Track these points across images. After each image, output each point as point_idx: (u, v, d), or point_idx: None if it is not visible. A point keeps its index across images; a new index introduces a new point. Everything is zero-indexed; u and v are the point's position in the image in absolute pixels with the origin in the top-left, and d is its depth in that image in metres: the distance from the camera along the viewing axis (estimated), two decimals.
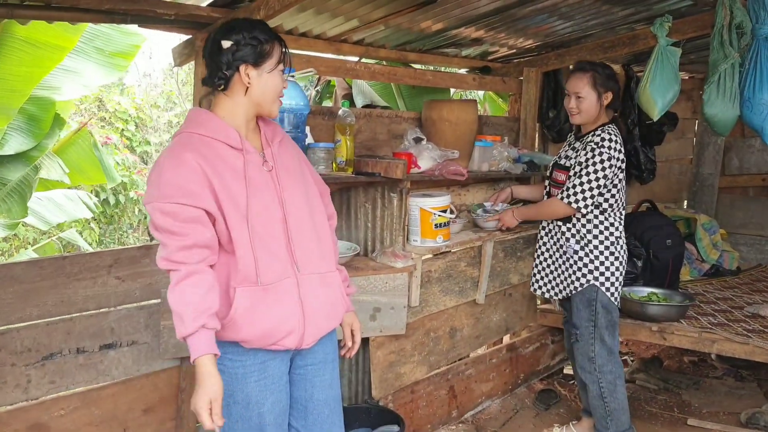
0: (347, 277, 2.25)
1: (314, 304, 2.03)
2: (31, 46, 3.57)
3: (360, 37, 3.31)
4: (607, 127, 3.09)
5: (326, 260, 2.09)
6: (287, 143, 2.12)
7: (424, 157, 3.22)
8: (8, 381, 2.37)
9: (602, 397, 3.20)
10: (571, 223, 3.19)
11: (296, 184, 2.05)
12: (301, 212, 2.03)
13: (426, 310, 3.34)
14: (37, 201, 5.19)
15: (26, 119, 4.15)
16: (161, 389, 2.79)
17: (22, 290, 2.37)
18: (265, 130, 2.05)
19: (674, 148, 5.73)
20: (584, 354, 3.22)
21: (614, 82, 3.13)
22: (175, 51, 2.91)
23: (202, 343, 1.82)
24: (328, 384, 2.17)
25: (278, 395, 2.05)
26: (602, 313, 3.14)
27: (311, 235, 2.05)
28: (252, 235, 1.90)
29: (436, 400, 3.55)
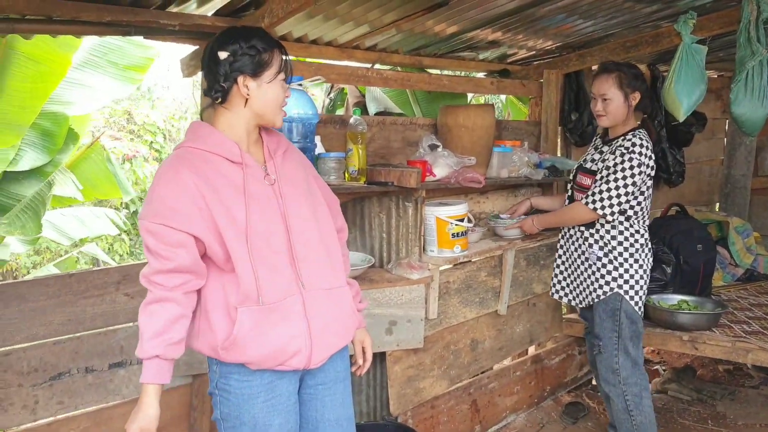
0: (359, 291, 2.18)
1: (322, 322, 1.94)
2: (33, 62, 3.58)
3: (372, 42, 3.23)
4: (638, 132, 2.97)
5: (335, 275, 2.00)
6: (292, 154, 2.04)
7: (439, 165, 3.13)
8: (15, 402, 2.33)
9: (628, 411, 3.07)
10: (594, 229, 3.07)
11: (301, 196, 1.97)
12: (306, 226, 1.95)
13: (445, 322, 3.24)
14: (60, 216, 5.21)
15: (40, 134, 4.16)
16: (173, 407, 2.73)
17: (28, 309, 2.33)
18: (268, 142, 1.97)
19: (704, 149, 5.55)
20: (608, 366, 3.09)
21: (641, 81, 3.00)
22: (183, 62, 2.86)
23: (151, 371, 1.83)
24: (339, 403, 2.09)
25: (286, 416, 1.97)
26: (626, 323, 3.01)
27: (318, 249, 1.96)
28: (252, 252, 1.83)
29: (458, 415, 3.44)
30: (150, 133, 10.16)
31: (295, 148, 2.10)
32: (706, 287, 4.20)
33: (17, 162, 4.10)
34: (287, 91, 1.95)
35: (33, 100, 3.66)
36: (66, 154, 4.36)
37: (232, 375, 1.90)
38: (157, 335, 1.80)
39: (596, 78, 3.04)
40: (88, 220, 5.33)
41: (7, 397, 2.31)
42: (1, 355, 2.29)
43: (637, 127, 3.01)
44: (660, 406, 4.09)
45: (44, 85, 3.63)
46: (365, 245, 3.12)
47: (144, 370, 1.83)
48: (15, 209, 3.92)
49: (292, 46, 2.96)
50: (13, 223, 3.78)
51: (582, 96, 4.11)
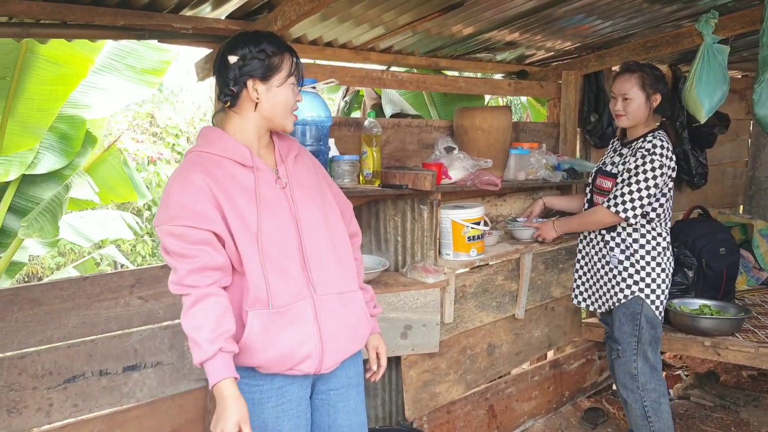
0: (373, 296, 2.15)
1: (333, 327, 1.92)
2: (52, 64, 3.61)
3: (388, 44, 3.21)
4: (657, 133, 2.92)
5: (347, 280, 1.98)
6: (304, 158, 2.03)
7: (455, 167, 3.10)
8: (30, 405, 2.34)
9: (646, 417, 3.02)
10: (615, 232, 3.02)
11: (312, 201, 1.96)
12: (317, 230, 1.93)
13: (461, 326, 3.21)
14: (80, 219, 5.25)
15: (58, 138, 4.20)
16: (187, 411, 2.73)
17: (42, 312, 2.35)
18: (280, 146, 1.96)
19: (727, 150, 5.45)
20: (626, 371, 3.04)
21: (663, 84, 2.95)
22: (198, 66, 2.86)
23: (221, 367, 1.74)
24: (352, 409, 2.07)
25: (296, 421, 1.95)
26: (646, 327, 2.96)
27: (329, 253, 1.95)
28: (263, 256, 1.81)
29: (475, 421, 3.40)
30: (173, 136, 10.23)
31: (308, 152, 2.09)
32: (730, 291, 4.11)
33: (36, 165, 4.14)
34: (298, 95, 1.93)
35: (51, 103, 3.69)
36: (84, 158, 4.40)
37: (242, 379, 1.87)
38: (213, 331, 1.73)
39: (618, 77, 2.99)
40: (106, 222, 5.38)
41: (21, 400, 2.32)
42: (16, 358, 2.31)
43: (656, 128, 2.97)
44: (682, 412, 4.01)
45: (64, 87, 3.66)
46: (380, 249, 3.10)
47: (212, 371, 1.73)
48: (33, 212, 3.96)
49: (306, 48, 2.95)
50: (31, 225, 3.82)
51: (602, 97, 4.05)
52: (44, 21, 2.32)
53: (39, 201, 4.22)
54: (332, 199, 2.06)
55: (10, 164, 4.04)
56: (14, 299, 2.28)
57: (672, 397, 4.29)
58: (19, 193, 4.30)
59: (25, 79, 3.66)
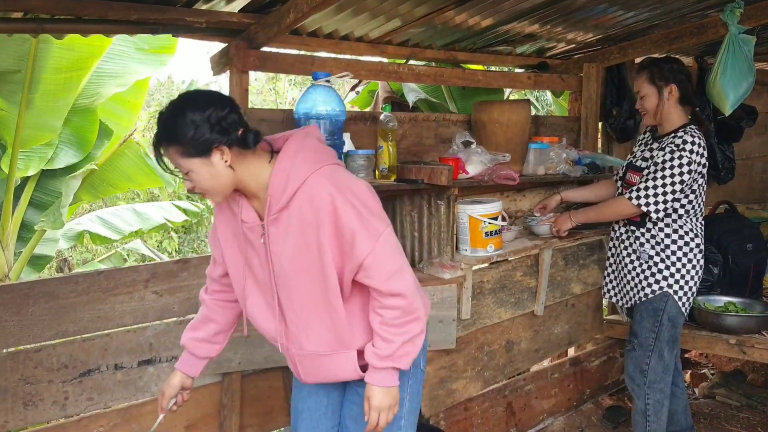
0: (392, 354, 1.81)
1: (309, 373, 1.97)
2: (66, 50, 3.62)
3: (405, 37, 3.17)
4: (689, 128, 2.87)
5: (336, 341, 1.87)
6: (298, 211, 1.75)
7: (473, 162, 3.05)
8: (45, 398, 2.36)
9: (645, 415, 2.98)
10: (645, 228, 2.97)
11: (295, 261, 1.79)
12: (297, 291, 1.83)
13: (479, 322, 3.17)
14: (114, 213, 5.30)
15: (73, 131, 4.24)
16: (203, 405, 2.73)
17: (58, 306, 2.36)
18: (272, 196, 1.78)
19: (756, 144, 5.32)
20: (637, 365, 3.00)
21: (677, 73, 2.89)
22: (213, 60, 2.84)
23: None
24: (354, 416, 2.04)
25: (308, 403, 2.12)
26: (667, 325, 2.91)
27: (315, 314, 1.85)
28: (242, 297, 1.96)
29: (493, 418, 3.37)
30: None
31: (308, 203, 1.75)
32: (757, 289, 4.02)
33: (54, 160, 4.20)
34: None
35: (66, 92, 3.74)
36: (100, 150, 4.45)
37: None
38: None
39: (635, 76, 3.03)
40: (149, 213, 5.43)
41: (37, 393, 2.34)
42: (32, 351, 2.33)
43: (688, 122, 2.92)
44: (707, 412, 3.94)
45: (77, 73, 3.70)
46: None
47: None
48: (54, 206, 4.01)
49: (322, 42, 2.93)
50: (50, 219, 3.87)
51: (624, 90, 3.97)
52: (59, 16, 2.33)
53: (59, 195, 4.27)
54: (330, 255, 1.77)
55: (30, 159, 4.09)
56: (29, 293, 2.30)
57: (697, 396, 4.21)
58: (39, 188, 4.36)
59: (40, 70, 3.69)
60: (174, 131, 1.66)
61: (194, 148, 1.66)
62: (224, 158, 1.69)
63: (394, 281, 1.76)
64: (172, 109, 1.69)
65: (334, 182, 1.73)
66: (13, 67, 3.59)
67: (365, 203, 1.75)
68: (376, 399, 1.84)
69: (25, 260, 4.26)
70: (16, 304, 2.27)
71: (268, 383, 2.85)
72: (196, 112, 1.65)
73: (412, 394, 1.99)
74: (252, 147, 1.72)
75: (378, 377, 1.84)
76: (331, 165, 1.78)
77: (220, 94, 1.76)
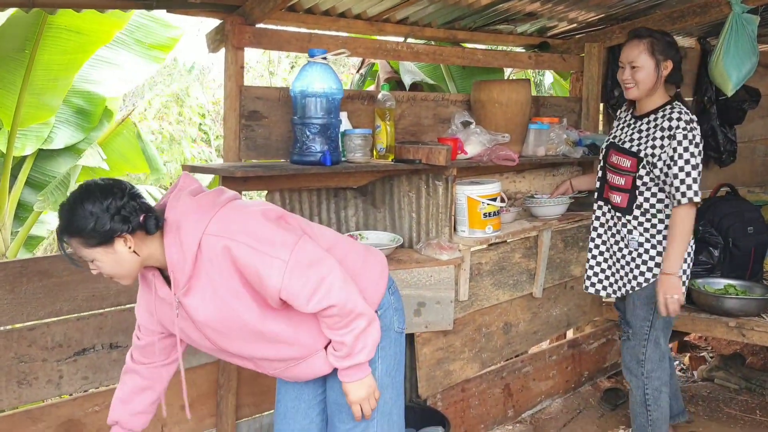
0: (350, 353, 1.85)
1: (288, 377, 2.02)
2: (75, 33, 3.62)
3: (404, 15, 3.13)
4: (676, 104, 2.73)
5: (300, 351, 1.91)
6: (206, 274, 1.74)
7: (471, 142, 3.03)
8: (40, 377, 2.35)
9: (646, 404, 2.91)
10: (632, 215, 2.83)
11: (224, 319, 1.80)
12: (241, 339, 1.85)
13: (476, 304, 3.16)
14: None
15: (74, 112, 4.23)
16: (199, 385, 2.73)
17: (52, 284, 2.35)
18: (173, 274, 1.76)
19: (758, 127, 5.27)
20: (633, 355, 2.92)
21: (675, 50, 2.75)
22: (209, 37, 2.81)
23: None
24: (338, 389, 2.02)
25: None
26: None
27: (268, 346, 1.88)
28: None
29: (490, 399, 3.36)
30: (199, 116, 10.27)
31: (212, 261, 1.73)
32: (758, 272, 4.00)
33: (52, 140, 4.19)
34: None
35: (66, 72, 3.74)
36: (100, 132, 4.44)
37: None
38: None
39: (626, 45, 2.79)
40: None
41: (31, 372, 2.33)
42: (26, 330, 2.32)
43: (671, 100, 2.77)
44: (705, 395, 3.93)
45: (81, 55, 3.70)
46: (394, 225, 3.05)
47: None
48: (50, 186, 4.01)
49: (319, 19, 2.89)
50: (46, 199, 3.86)
51: None
52: None
53: (55, 175, 4.27)
54: (252, 300, 1.79)
55: (27, 138, 4.08)
56: (23, 271, 2.29)
57: (696, 379, 4.21)
58: (36, 168, 4.36)
59: (44, 51, 3.70)
60: (74, 223, 1.65)
61: (95, 239, 1.66)
62: (128, 245, 1.69)
63: (315, 301, 1.75)
64: (71, 201, 1.68)
65: (224, 232, 1.71)
66: (18, 48, 3.61)
67: (260, 238, 1.73)
68: (353, 394, 1.90)
69: (22, 240, 4.26)
70: (9, 282, 2.26)
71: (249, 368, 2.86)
72: (96, 203, 1.65)
73: (384, 357, 1.99)
74: (154, 232, 1.71)
75: (347, 375, 1.89)
76: (213, 216, 1.73)
77: (119, 182, 1.74)
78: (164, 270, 1.79)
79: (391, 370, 2.03)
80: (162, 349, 1.98)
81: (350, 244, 2.01)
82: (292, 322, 1.84)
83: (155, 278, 1.80)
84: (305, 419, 2.09)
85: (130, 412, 2.02)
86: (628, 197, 2.84)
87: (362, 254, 1.99)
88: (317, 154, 2.53)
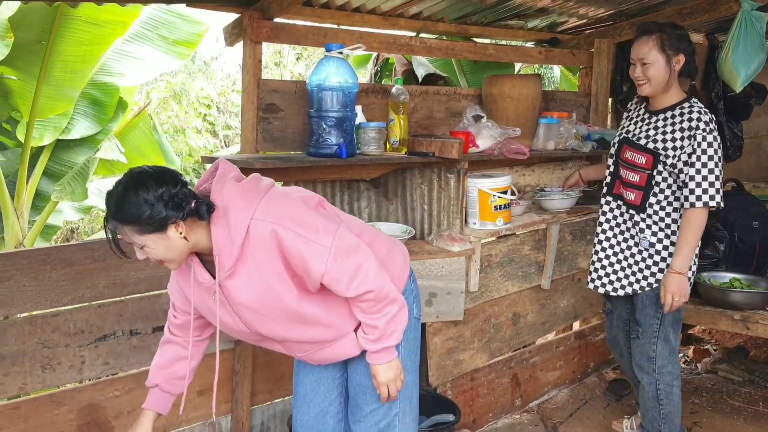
0: (381, 336, 1.93)
1: (315, 359, 2.08)
2: (91, 24, 3.67)
3: (416, 10, 3.17)
4: (695, 102, 2.70)
5: (331, 333, 1.97)
6: (252, 258, 1.79)
7: (483, 136, 3.08)
8: (63, 362, 2.41)
9: (658, 400, 2.90)
10: (646, 213, 2.79)
11: (265, 302, 1.85)
12: (276, 321, 1.90)
13: (486, 295, 3.21)
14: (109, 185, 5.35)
15: (90, 104, 4.29)
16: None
17: (74, 272, 2.40)
18: (220, 257, 1.80)
19: (764, 123, 5.30)
20: (644, 353, 2.90)
21: (686, 43, 2.70)
22: (226, 30, 2.86)
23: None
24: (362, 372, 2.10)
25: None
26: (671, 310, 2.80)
27: (301, 328, 1.94)
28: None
29: (498, 388, 3.42)
30: (204, 106, 10.30)
31: (259, 245, 1.78)
32: (762, 266, 4.05)
33: (69, 131, 4.24)
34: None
35: (84, 64, 3.78)
36: (115, 123, 4.49)
37: None
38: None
39: (636, 41, 2.73)
40: None
41: (54, 357, 2.39)
42: (49, 316, 2.38)
43: (688, 96, 2.74)
44: (709, 386, 3.99)
45: (98, 47, 3.75)
46: (406, 217, 3.10)
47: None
48: (67, 176, 4.06)
49: (335, 13, 2.93)
50: (64, 189, 3.92)
51: None
52: None
53: (72, 165, 4.32)
54: (293, 284, 1.85)
55: (45, 129, 4.13)
56: (47, 259, 2.34)
57: (699, 371, 4.26)
58: (54, 158, 4.42)
59: (61, 41, 3.73)
60: (128, 210, 1.67)
61: (151, 226, 1.68)
62: (179, 231, 1.72)
63: (354, 286, 1.82)
64: (123, 189, 1.69)
65: (272, 217, 1.76)
66: (35, 39, 3.62)
67: (305, 224, 1.79)
68: (382, 375, 1.98)
69: (39, 229, 4.32)
70: (33, 270, 2.31)
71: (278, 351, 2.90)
72: (150, 191, 1.67)
73: (407, 341, 2.06)
74: (206, 218, 1.74)
75: (377, 357, 1.96)
76: (260, 201, 1.78)
77: (169, 170, 1.77)
78: (203, 255, 1.83)
79: (412, 354, 2.11)
80: (197, 327, 2.05)
81: (376, 233, 2.08)
82: (326, 305, 1.90)
83: (194, 263, 1.84)
84: (324, 401, 2.15)
85: (170, 376, 2.07)
86: (642, 194, 2.78)
87: (387, 243, 2.06)
88: (333, 147, 2.58)
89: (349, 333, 1.98)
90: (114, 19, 3.73)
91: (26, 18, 3.60)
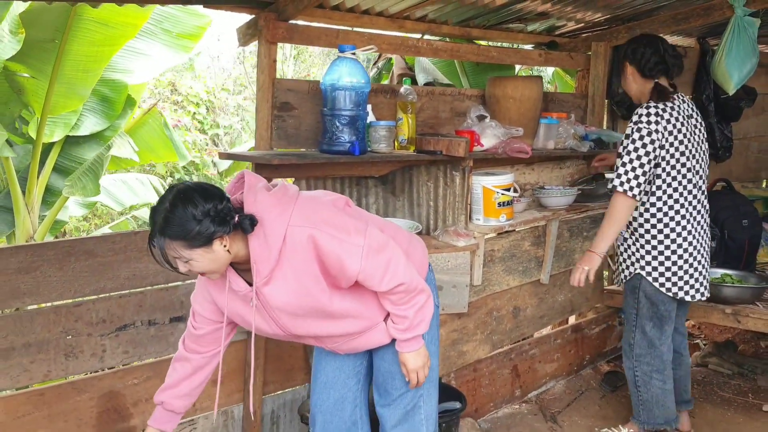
0: (411, 325, 2.03)
1: (344, 349, 2.17)
2: (102, 26, 3.71)
3: (423, 13, 3.27)
4: (645, 104, 2.91)
5: (362, 324, 2.07)
6: (289, 264, 1.87)
7: (487, 135, 3.18)
8: (85, 350, 2.48)
9: (636, 385, 3.15)
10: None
11: (301, 306, 1.95)
12: (311, 322, 2.01)
13: (489, 289, 3.32)
14: (112, 182, 5.41)
15: (99, 100, 4.33)
16: (229, 362, 2.85)
17: (96, 264, 2.48)
18: (257, 265, 1.88)
19: (753, 124, 5.46)
20: (625, 339, 3.19)
21: (631, 51, 2.99)
22: (240, 30, 2.94)
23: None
24: (390, 359, 2.20)
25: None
26: (645, 303, 3.03)
27: (333, 325, 2.04)
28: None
29: (499, 379, 3.54)
30: (193, 105, 10.32)
31: (296, 250, 1.86)
32: (751, 263, 4.19)
33: (79, 127, 4.29)
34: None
35: (96, 64, 3.83)
36: (124, 119, 4.54)
37: None
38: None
39: None
40: (136, 187, 5.53)
41: (77, 345, 2.47)
42: (72, 306, 2.45)
43: (649, 98, 2.95)
44: (700, 379, 4.12)
45: (109, 48, 3.78)
46: (413, 213, 3.21)
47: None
48: (77, 172, 4.12)
49: (345, 16, 3.02)
50: (75, 184, 3.98)
51: None
52: None
53: (82, 161, 4.37)
54: (326, 285, 1.93)
55: (55, 125, 4.19)
56: (71, 250, 2.42)
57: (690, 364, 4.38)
58: (64, 154, 4.47)
59: (73, 41, 3.78)
60: (178, 226, 1.73)
61: (199, 241, 1.74)
62: (223, 244, 1.79)
63: (387, 281, 1.92)
64: (171, 205, 1.74)
65: (307, 222, 1.84)
66: (48, 38, 3.68)
67: (337, 226, 1.88)
68: (411, 363, 2.09)
69: (49, 223, 4.38)
70: (58, 261, 2.39)
71: (289, 343, 2.98)
72: (198, 207, 1.73)
73: (430, 329, 2.17)
74: (250, 231, 1.81)
75: (406, 345, 2.08)
76: (294, 208, 1.86)
77: (213, 186, 1.84)
78: (237, 263, 1.89)
79: (434, 339, 2.24)
80: (215, 339, 2.12)
81: (396, 228, 2.20)
82: (357, 298, 2.00)
83: (229, 273, 1.90)
84: (344, 388, 2.25)
85: (175, 395, 2.15)
86: None
87: (407, 237, 2.18)
88: (346, 144, 2.67)
89: (379, 323, 2.08)
90: (125, 21, 3.78)
91: (40, 17, 3.65)
